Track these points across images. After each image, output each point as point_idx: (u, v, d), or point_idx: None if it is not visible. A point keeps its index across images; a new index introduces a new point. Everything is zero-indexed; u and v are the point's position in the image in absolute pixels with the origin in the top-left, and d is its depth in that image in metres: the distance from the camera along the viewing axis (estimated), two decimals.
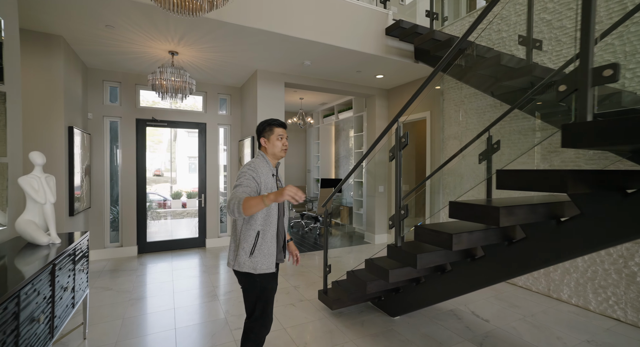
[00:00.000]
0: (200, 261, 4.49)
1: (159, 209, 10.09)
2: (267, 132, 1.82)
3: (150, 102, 4.93)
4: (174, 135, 18.83)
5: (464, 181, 3.74)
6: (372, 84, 5.26)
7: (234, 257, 1.70)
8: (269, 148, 1.81)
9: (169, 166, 17.47)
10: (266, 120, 1.85)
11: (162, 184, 17.23)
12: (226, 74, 4.72)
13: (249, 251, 1.65)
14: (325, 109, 7.70)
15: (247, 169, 1.68)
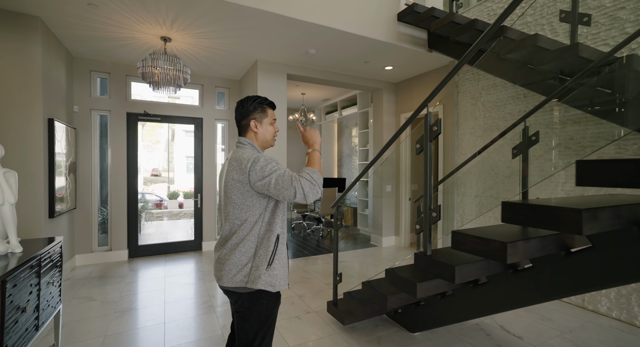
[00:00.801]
0: (196, 266, 4.12)
1: (154, 210, 9.74)
2: (259, 114, 1.44)
3: (143, 95, 4.56)
4: (171, 135, 18.44)
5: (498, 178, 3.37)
6: (380, 76, 4.91)
7: (248, 271, 1.28)
8: (259, 134, 1.45)
9: (167, 166, 17.04)
10: (253, 97, 1.45)
11: (160, 184, 16.83)
12: (224, 64, 4.36)
13: (268, 260, 1.29)
14: (328, 106, 7.35)
15: (266, 158, 1.31)
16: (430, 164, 1.86)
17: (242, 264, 1.29)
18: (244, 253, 1.29)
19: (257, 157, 1.31)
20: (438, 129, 1.80)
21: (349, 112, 6.50)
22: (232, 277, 1.28)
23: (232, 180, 1.31)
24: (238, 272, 1.28)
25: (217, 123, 5.04)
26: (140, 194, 12.19)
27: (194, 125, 4.87)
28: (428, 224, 1.88)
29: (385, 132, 5.11)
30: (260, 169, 1.27)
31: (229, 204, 1.33)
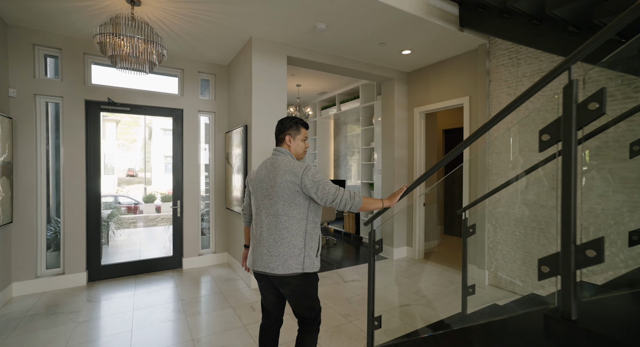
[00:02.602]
0: (175, 291, 3.26)
1: (128, 215, 8.64)
2: (294, 131, 1.72)
3: (107, 79, 3.63)
4: (149, 133, 16.98)
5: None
6: (393, 63, 4.20)
7: (302, 260, 1.54)
8: (292, 147, 1.72)
9: (144, 166, 15.57)
10: (292, 117, 1.74)
11: (136, 185, 15.38)
12: (210, 43, 3.51)
13: (317, 250, 1.62)
14: (324, 100, 6.59)
15: (315, 168, 1.59)
16: (574, 167, 1.12)
17: (295, 255, 1.54)
18: (296, 245, 1.55)
19: (308, 165, 1.57)
20: (600, 107, 1.06)
21: (348, 107, 5.76)
22: (288, 265, 1.52)
23: (286, 181, 1.55)
24: (293, 261, 1.53)
25: (201, 116, 4.17)
26: (112, 197, 10.93)
27: (173, 118, 3.98)
28: (572, 267, 1.14)
29: (397, 128, 4.41)
30: (312, 175, 1.54)
31: (279, 202, 1.56)
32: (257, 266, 1.58)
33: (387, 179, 4.51)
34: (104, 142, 11.46)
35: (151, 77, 3.99)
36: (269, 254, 1.54)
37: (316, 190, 1.51)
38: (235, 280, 3.61)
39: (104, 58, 3.46)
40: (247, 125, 3.49)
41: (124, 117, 15.51)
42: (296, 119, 1.73)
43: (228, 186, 4.09)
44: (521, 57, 3.14)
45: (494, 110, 3.41)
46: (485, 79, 3.47)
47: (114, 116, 15.02)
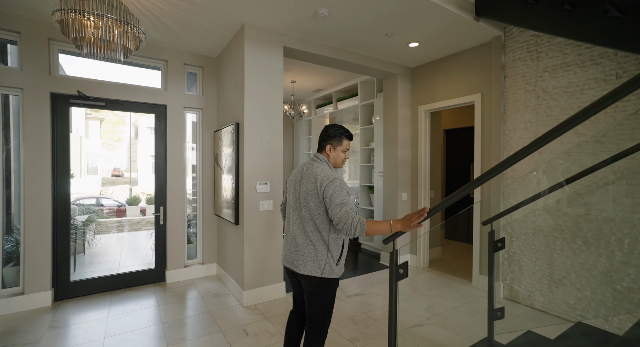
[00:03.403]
0: (156, 312, 2.83)
1: (111, 219, 8.07)
2: (336, 141, 1.73)
3: (77, 69, 3.17)
4: (135, 132, 16.30)
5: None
6: (398, 58, 3.86)
7: (323, 265, 1.60)
8: (331, 156, 1.74)
9: (129, 166, 14.86)
10: (338, 125, 1.75)
11: (121, 185, 14.64)
12: (197, 31, 3.10)
13: (337, 258, 1.63)
14: (319, 98, 6.22)
15: (340, 183, 1.58)
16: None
17: (317, 259, 1.60)
18: (319, 251, 1.61)
19: (334, 178, 1.58)
20: None
21: (346, 105, 5.41)
22: (309, 267, 1.60)
23: (312, 190, 1.60)
24: (314, 265, 1.60)
25: (187, 113, 3.74)
26: (94, 199, 10.26)
27: (155, 114, 3.54)
28: None
29: (401, 127, 4.07)
30: (332, 189, 1.55)
31: (305, 208, 1.63)
32: (285, 261, 1.71)
33: (389, 182, 4.17)
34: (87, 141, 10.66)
35: (130, 70, 3.54)
36: (295, 252, 1.65)
37: (329, 206, 1.55)
38: (226, 296, 3.21)
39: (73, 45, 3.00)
40: (238, 123, 3.09)
41: (109, 115, 14.78)
42: (342, 129, 1.74)
43: (217, 189, 3.67)
44: (542, 49, 2.84)
45: (510, 109, 3.11)
46: (500, 75, 3.16)
47: (98, 114, 14.30)
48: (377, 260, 4.40)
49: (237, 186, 3.11)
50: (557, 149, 2.75)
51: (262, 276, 3.09)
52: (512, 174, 3.09)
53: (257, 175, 3.05)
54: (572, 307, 2.63)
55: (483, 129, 3.38)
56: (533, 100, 2.93)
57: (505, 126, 3.15)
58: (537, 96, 2.90)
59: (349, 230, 1.47)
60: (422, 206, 4.05)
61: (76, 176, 9.79)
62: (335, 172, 1.67)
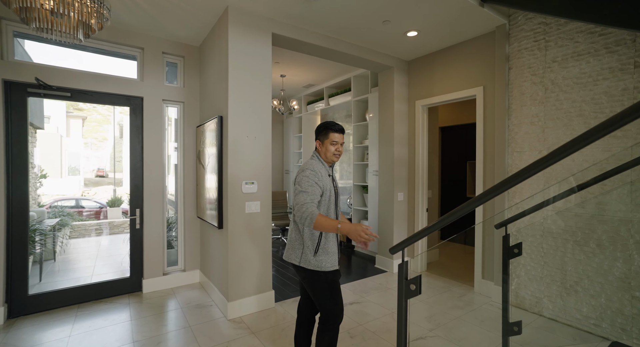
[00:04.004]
0: (129, 328, 2.49)
1: (90, 221, 7.62)
2: (323, 136, 1.78)
3: (38, 54, 2.80)
4: (120, 131, 15.79)
5: None
6: (394, 49, 3.61)
7: (300, 255, 1.68)
8: (321, 152, 1.78)
9: (114, 166, 14.33)
10: (326, 122, 1.80)
11: (105, 186, 14.10)
12: (176, 16, 2.77)
13: (314, 250, 1.65)
14: (311, 94, 5.93)
15: (310, 173, 1.66)
16: None
17: (295, 248, 1.71)
18: (296, 240, 1.71)
19: (306, 169, 1.69)
20: None
21: (338, 101, 5.14)
22: (290, 256, 1.72)
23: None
24: (293, 254, 1.71)
25: (167, 106, 3.40)
26: (74, 200, 9.67)
27: (130, 108, 3.19)
28: None
29: (397, 123, 3.82)
30: (300, 178, 1.67)
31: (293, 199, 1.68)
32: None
33: (385, 181, 3.92)
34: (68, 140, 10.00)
35: (103, 60, 3.19)
36: (287, 242, 1.79)
37: (295, 192, 1.64)
38: (209, 307, 2.89)
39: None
40: (222, 116, 2.78)
41: (93, 115, 14.15)
42: (325, 123, 1.78)
43: (200, 190, 3.34)
44: (550, 38, 2.63)
45: (515, 102, 2.89)
46: (504, 66, 2.94)
47: (80, 113, 13.67)
48: (371, 263, 4.14)
49: (220, 186, 2.79)
50: None
51: (249, 285, 2.79)
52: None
53: (243, 174, 2.75)
54: (585, 316, 2.42)
55: (485, 124, 3.16)
56: (540, 93, 2.71)
57: (510, 121, 2.93)
58: (545, 88, 2.68)
59: (300, 219, 1.56)
60: (421, 206, 3.81)
61: (56, 177, 9.23)
62: (323, 166, 1.75)
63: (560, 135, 2.58)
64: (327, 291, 1.67)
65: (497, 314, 2.76)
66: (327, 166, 1.78)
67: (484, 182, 3.16)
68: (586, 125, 2.44)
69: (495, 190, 1.10)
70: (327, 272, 1.66)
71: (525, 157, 2.82)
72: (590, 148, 2.43)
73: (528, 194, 2.80)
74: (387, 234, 3.88)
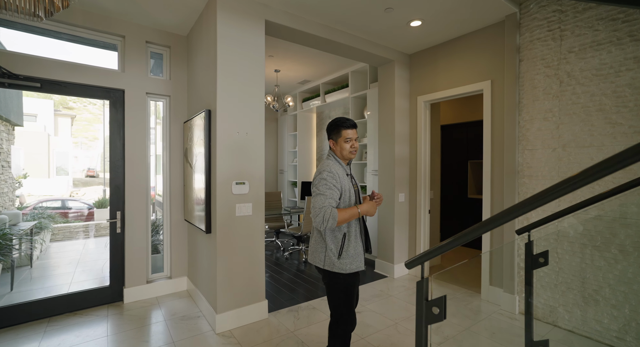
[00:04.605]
0: (104, 345, 2.21)
1: (75, 223, 7.24)
2: (335, 134, 1.71)
3: (7, 41, 2.50)
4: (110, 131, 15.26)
5: None
6: (395, 41, 3.38)
7: (323, 258, 1.64)
8: (337, 151, 1.72)
9: (104, 166, 13.88)
10: (336, 119, 1.72)
11: (95, 187, 13.61)
12: (161, 1, 2.50)
13: (337, 252, 1.62)
14: (306, 91, 5.68)
15: (327, 175, 1.60)
16: None
17: (318, 251, 1.67)
18: (319, 243, 1.67)
19: (323, 171, 1.63)
20: None
21: (335, 98, 4.89)
22: (315, 259, 1.69)
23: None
24: (317, 257, 1.67)
25: (151, 100, 3.11)
26: (60, 201, 9.22)
27: (110, 101, 2.90)
28: None
29: (398, 120, 3.59)
30: (317, 181, 1.62)
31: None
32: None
33: (385, 182, 3.68)
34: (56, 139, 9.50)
35: (81, 49, 2.89)
36: (309, 245, 1.76)
37: (313, 195, 1.62)
38: (196, 318, 2.62)
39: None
40: (210, 110, 2.51)
41: (83, 113, 13.67)
42: (336, 121, 1.72)
43: (187, 191, 3.07)
44: (566, 27, 2.42)
45: (526, 96, 2.67)
46: (515, 58, 2.72)
47: (69, 111, 13.19)
48: (371, 267, 3.90)
49: (208, 187, 2.52)
50: (586, 142, 2.33)
51: (240, 295, 2.52)
52: (529, 171, 2.65)
53: (233, 173, 2.48)
54: (606, 328, 2.21)
55: (493, 120, 2.94)
56: (555, 86, 2.50)
57: (521, 117, 2.72)
58: (559, 81, 2.47)
59: (320, 223, 1.52)
60: (423, 208, 3.58)
61: (43, 177, 8.82)
62: (341, 165, 1.69)
63: (578, 132, 2.37)
64: (343, 295, 1.64)
65: (508, 324, 2.55)
66: (344, 165, 1.71)
67: (492, 181, 2.95)
68: (607, 121, 2.24)
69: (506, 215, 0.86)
70: (348, 275, 1.63)
71: (537, 155, 2.60)
72: (612, 145, 2.22)
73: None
74: (388, 237, 3.64)
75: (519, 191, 2.73)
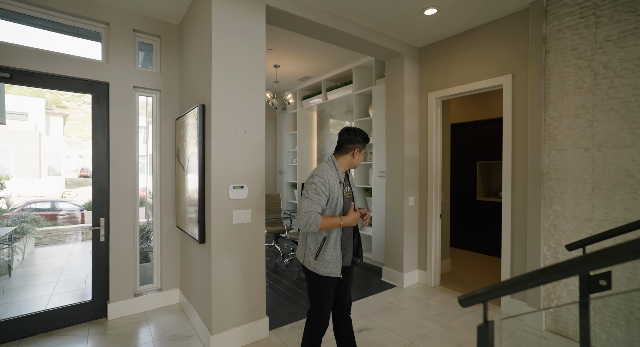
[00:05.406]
0: None
1: (63, 226, 6.87)
2: (361, 145, 1.76)
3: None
4: None
5: None
6: (405, 33, 3.09)
7: (303, 255, 1.73)
8: (355, 159, 1.75)
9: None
10: (362, 131, 1.77)
11: (89, 187, 13.17)
12: None
13: (315, 253, 1.68)
14: (306, 88, 5.37)
15: (318, 180, 1.63)
16: None
17: (301, 248, 1.77)
18: (302, 241, 1.76)
19: (316, 175, 1.65)
20: None
21: (337, 95, 4.60)
22: (298, 253, 1.79)
23: None
24: (299, 252, 1.77)
25: (140, 95, 2.79)
26: (50, 202, 8.83)
27: (93, 95, 2.58)
28: None
29: (408, 118, 3.31)
30: (307, 184, 1.66)
31: None
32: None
33: (394, 184, 3.39)
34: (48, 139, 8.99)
35: (57, 38, 2.57)
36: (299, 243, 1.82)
37: (301, 197, 1.66)
38: (188, 338, 2.31)
39: None
40: (204, 105, 2.21)
41: (77, 112, 13.30)
42: (365, 133, 1.77)
43: (179, 195, 2.75)
44: (603, 12, 2.15)
45: (554, 91, 2.40)
46: (540, 49, 2.44)
47: (61, 110, 12.79)
48: (377, 276, 3.61)
49: (202, 191, 2.21)
50: (626, 142, 2.06)
51: (237, 312, 2.22)
52: (557, 173, 2.38)
53: (230, 175, 2.18)
54: None
55: (515, 118, 2.66)
56: (588, 80, 2.23)
57: (547, 114, 2.44)
58: (593, 74, 2.20)
59: (304, 226, 1.57)
60: (434, 212, 3.30)
61: (34, 177, 8.42)
62: (336, 172, 1.71)
63: (616, 130, 2.10)
64: (315, 294, 1.70)
65: (536, 344, 2.27)
66: (340, 173, 1.73)
67: (513, 184, 2.67)
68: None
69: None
70: (321, 277, 1.67)
71: (567, 156, 2.33)
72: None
73: (569, 200, 2.31)
74: (396, 243, 3.35)
75: (544, 195, 2.45)
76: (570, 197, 2.31)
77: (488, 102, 4.62)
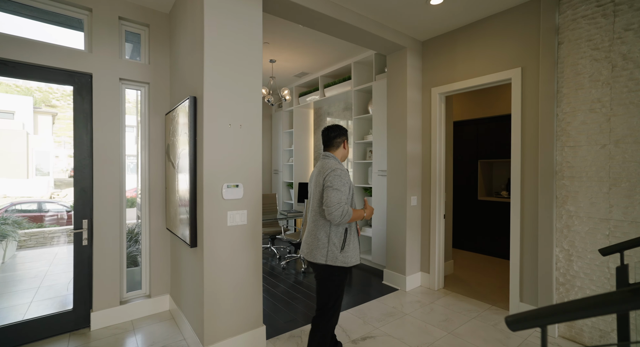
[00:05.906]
0: None
1: (50, 228, 6.57)
2: (345, 138, 1.89)
3: None
4: None
5: None
6: (408, 25, 2.93)
7: (326, 253, 1.69)
8: (346, 150, 1.90)
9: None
10: (340, 125, 1.90)
11: None
12: None
13: (340, 246, 1.69)
14: (303, 85, 5.19)
15: (341, 172, 1.69)
16: None
17: (320, 248, 1.71)
18: (321, 239, 1.71)
19: (336, 168, 1.71)
20: None
21: (335, 92, 4.43)
22: (315, 256, 1.71)
23: (320, 181, 1.73)
24: (318, 253, 1.70)
25: (126, 87, 2.58)
26: (37, 203, 8.49)
27: (74, 87, 2.36)
28: None
29: (410, 114, 3.15)
30: (332, 177, 1.67)
31: (315, 200, 1.77)
32: (301, 251, 1.84)
33: (395, 183, 3.23)
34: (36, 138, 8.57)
35: (33, 25, 2.35)
36: (305, 243, 1.80)
37: (325, 190, 1.67)
38: None
39: None
40: (196, 97, 2.01)
41: (67, 111, 12.91)
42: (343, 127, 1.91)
43: (169, 195, 2.55)
44: (622, 0, 2.01)
45: (567, 85, 2.26)
46: (553, 41, 2.30)
47: (50, 109, 12.40)
48: (378, 278, 3.45)
49: (194, 190, 2.02)
50: None
51: (232, 321, 2.03)
52: (571, 171, 2.24)
53: (224, 174, 1.99)
54: None
55: (524, 113, 2.52)
56: (605, 72, 2.09)
57: (560, 108, 2.30)
58: (611, 65, 2.07)
59: (338, 217, 1.58)
60: (438, 212, 3.15)
61: (21, 177, 8.08)
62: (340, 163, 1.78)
63: (636, 125, 1.97)
64: (334, 290, 1.71)
65: None
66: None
67: (522, 183, 2.53)
68: None
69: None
70: (347, 269, 1.72)
71: (581, 153, 2.19)
72: None
73: (584, 199, 2.18)
74: (399, 245, 3.19)
75: (556, 194, 2.31)
76: (585, 197, 2.17)
77: (489, 99, 4.50)
